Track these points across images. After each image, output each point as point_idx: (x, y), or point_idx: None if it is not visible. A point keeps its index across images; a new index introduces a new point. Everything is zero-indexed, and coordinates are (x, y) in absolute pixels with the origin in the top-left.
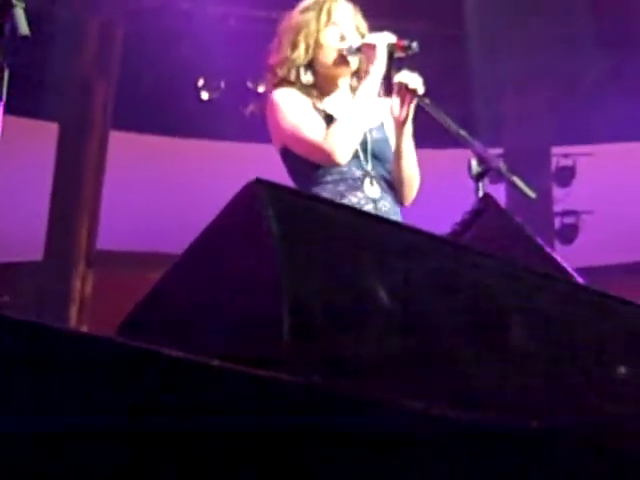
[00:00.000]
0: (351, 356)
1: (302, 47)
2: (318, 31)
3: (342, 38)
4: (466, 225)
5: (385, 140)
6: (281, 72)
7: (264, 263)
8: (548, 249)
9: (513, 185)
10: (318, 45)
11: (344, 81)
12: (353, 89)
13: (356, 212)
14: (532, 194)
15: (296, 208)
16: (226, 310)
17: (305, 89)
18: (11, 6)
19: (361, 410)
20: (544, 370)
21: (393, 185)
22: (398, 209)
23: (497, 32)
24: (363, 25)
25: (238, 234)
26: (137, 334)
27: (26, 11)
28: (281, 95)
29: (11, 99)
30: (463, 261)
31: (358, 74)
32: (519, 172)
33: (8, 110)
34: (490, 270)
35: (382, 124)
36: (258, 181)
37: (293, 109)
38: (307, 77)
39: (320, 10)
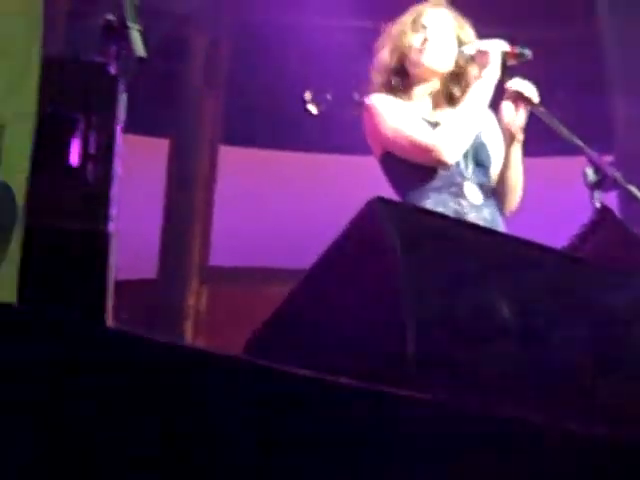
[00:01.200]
0: (476, 371)
1: (398, 53)
2: (404, 34)
3: (424, 41)
4: (584, 238)
5: (484, 146)
6: (379, 78)
7: (387, 280)
8: None
9: (629, 194)
10: (408, 49)
11: (437, 91)
12: (454, 98)
13: (476, 228)
14: None
15: (418, 226)
16: (351, 327)
17: (404, 96)
18: (127, 28)
19: (487, 426)
20: None
21: (494, 192)
22: (500, 218)
23: (620, 32)
24: (467, 35)
25: (361, 252)
26: (264, 352)
27: (142, 33)
28: (379, 99)
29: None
30: (585, 277)
31: (459, 79)
32: (631, 179)
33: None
34: (609, 284)
35: (479, 133)
36: (379, 199)
37: (394, 110)
38: (400, 81)
39: (416, 17)
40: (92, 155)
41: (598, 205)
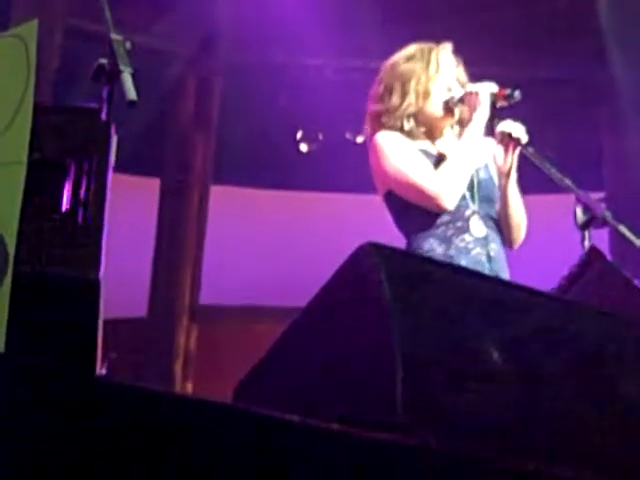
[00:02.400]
0: (466, 417)
1: (412, 96)
2: (428, 80)
3: (448, 89)
4: (573, 279)
5: (491, 180)
6: (387, 121)
7: (378, 326)
8: None
9: (619, 233)
10: (427, 94)
11: (447, 130)
12: (458, 136)
13: (466, 272)
14: (639, 242)
15: (407, 271)
16: (341, 372)
17: (410, 134)
18: (119, 72)
19: (478, 472)
20: None
21: (500, 226)
22: (504, 252)
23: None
24: (463, 76)
25: (351, 298)
26: (255, 396)
27: (133, 76)
28: (385, 138)
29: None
30: (574, 319)
31: (461, 123)
32: (622, 216)
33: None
34: (601, 327)
35: (486, 165)
36: (370, 245)
37: (398, 151)
38: (411, 125)
39: (428, 59)
40: (83, 201)
41: (587, 246)
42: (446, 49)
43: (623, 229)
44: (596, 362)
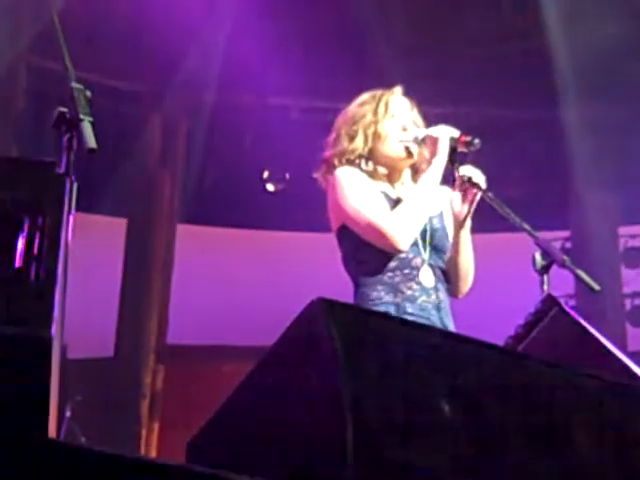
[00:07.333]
0: (417, 472)
1: (360, 138)
2: (376, 122)
3: (404, 129)
4: (529, 327)
5: (443, 229)
6: (338, 164)
7: (327, 382)
8: (616, 351)
9: (578, 278)
10: (377, 136)
11: (406, 172)
12: (414, 181)
13: (417, 326)
14: (597, 287)
15: (358, 326)
16: (291, 428)
17: (373, 175)
18: (79, 120)
19: None
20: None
21: (448, 276)
22: (449, 301)
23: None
24: (420, 120)
25: (302, 353)
26: (206, 452)
27: (93, 125)
28: (344, 173)
29: (79, 196)
30: (525, 371)
31: (416, 167)
32: (586, 254)
33: (77, 207)
34: (553, 380)
35: (441, 213)
36: (321, 300)
37: (356, 187)
38: (368, 167)
39: (377, 103)
40: (36, 257)
41: (544, 293)
42: (396, 93)
43: (582, 274)
44: (547, 414)
